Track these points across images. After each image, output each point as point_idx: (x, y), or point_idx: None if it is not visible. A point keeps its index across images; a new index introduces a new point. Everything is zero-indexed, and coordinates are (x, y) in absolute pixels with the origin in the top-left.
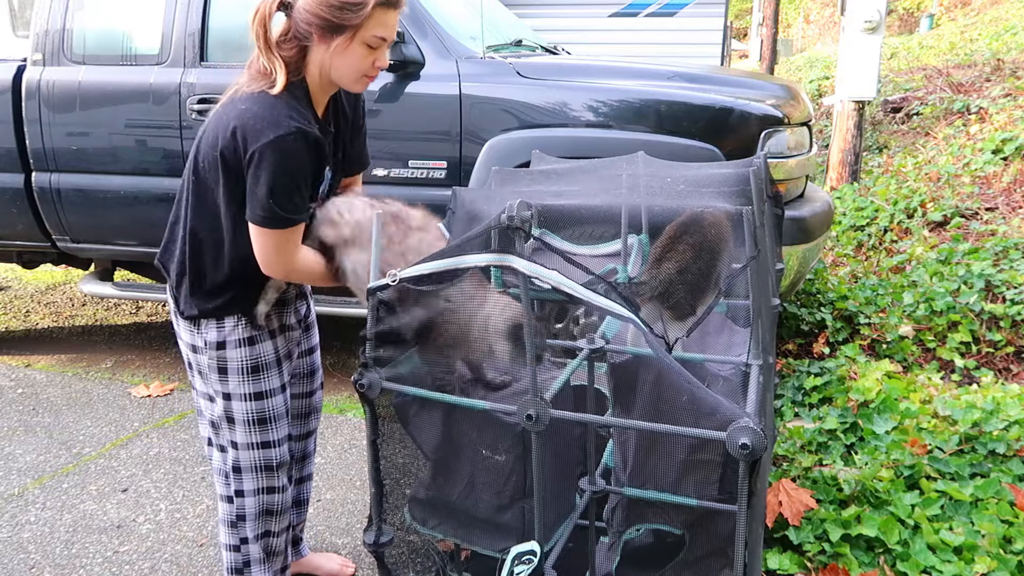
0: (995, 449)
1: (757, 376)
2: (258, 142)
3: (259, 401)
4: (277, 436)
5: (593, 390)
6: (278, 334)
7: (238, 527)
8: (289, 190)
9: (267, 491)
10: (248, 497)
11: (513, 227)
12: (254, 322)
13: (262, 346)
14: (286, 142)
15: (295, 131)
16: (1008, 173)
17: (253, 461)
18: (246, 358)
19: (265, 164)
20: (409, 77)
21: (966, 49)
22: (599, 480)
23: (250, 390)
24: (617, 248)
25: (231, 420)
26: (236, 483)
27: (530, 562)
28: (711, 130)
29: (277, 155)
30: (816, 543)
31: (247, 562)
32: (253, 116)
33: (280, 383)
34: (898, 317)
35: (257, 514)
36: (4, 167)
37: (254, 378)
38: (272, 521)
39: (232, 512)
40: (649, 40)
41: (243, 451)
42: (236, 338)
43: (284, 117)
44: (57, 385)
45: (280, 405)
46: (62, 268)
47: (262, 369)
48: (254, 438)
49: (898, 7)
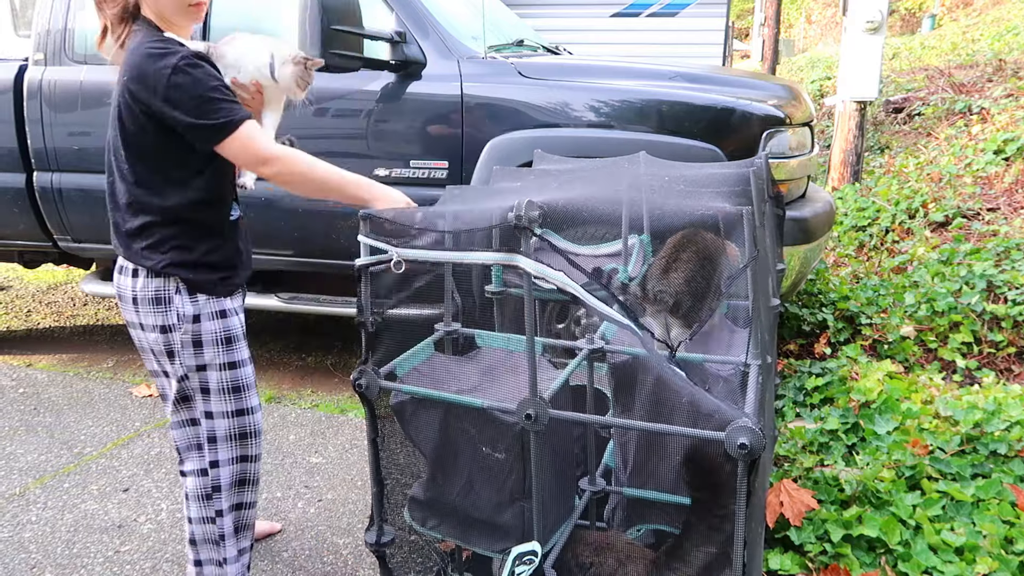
0: (996, 450)
1: (756, 376)
2: (162, 76)
3: (233, 371)
4: (250, 404)
5: (593, 390)
6: (239, 312)
7: (213, 499)
8: (215, 93)
9: (241, 459)
10: (223, 467)
11: (520, 226)
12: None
13: (233, 319)
14: (182, 62)
15: (180, 52)
16: (1010, 173)
17: (229, 430)
18: (220, 330)
19: (182, 87)
20: (411, 77)
21: (968, 49)
22: (599, 480)
23: (225, 360)
24: (618, 248)
25: (206, 391)
26: (211, 454)
27: (531, 562)
28: (713, 130)
29: (182, 75)
30: (817, 543)
31: (222, 535)
32: (136, 62)
33: (248, 354)
34: (899, 317)
35: (231, 484)
36: (6, 167)
37: (227, 348)
38: (245, 492)
39: (208, 484)
40: (651, 40)
41: (219, 420)
42: (210, 311)
43: (159, 45)
44: (58, 385)
45: (250, 375)
46: (63, 268)
47: (234, 340)
48: (229, 406)
49: (900, 7)
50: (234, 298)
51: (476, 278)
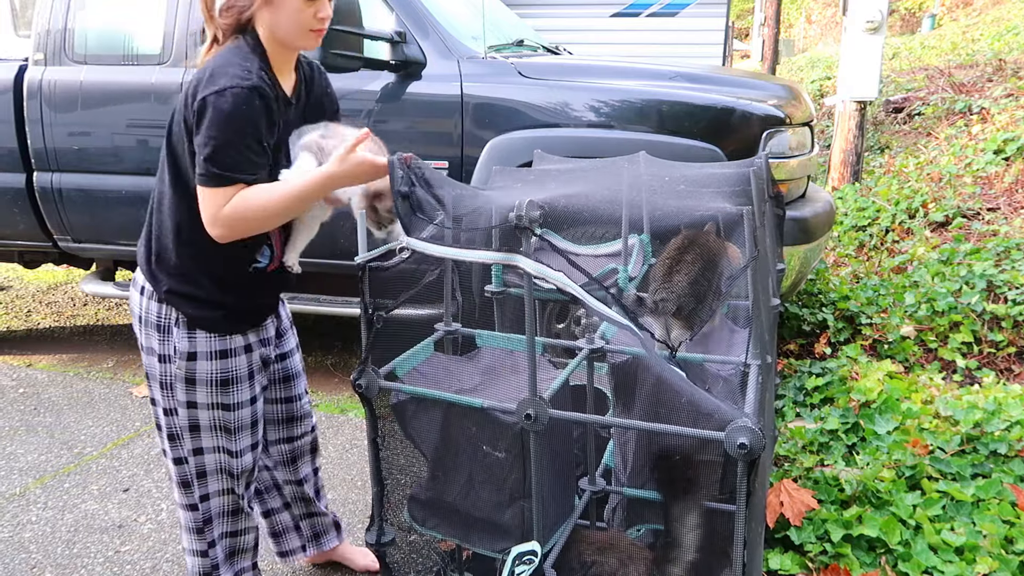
0: (997, 449)
1: (756, 376)
2: (204, 92)
3: (226, 412)
4: (240, 446)
5: (593, 390)
6: (254, 348)
7: (204, 532)
8: (230, 143)
9: (231, 492)
10: (213, 499)
11: (521, 227)
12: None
13: (234, 360)
14: (229, 92)
15: (240, 82)
16: (1010, 173)
17: (218, 464)
18: (217, 371)
19: (208, 113)
20: (411, 77)
21: (968, 49)
22: (599, 480)
23: (218, 400)
24: (618, 248)
25: (195, 428)
26: (200, 488)
27: (531, 562)
28: (713, 130)
29: (219, 103)
30: (817, 543)
31: (215, 565)
32: (203, 72)
33: (250, 396)
34: (900, 317)
35: (222, 514)
36: (6, 167)
37: (223, 391)
38: (239, 520)
39: (199, 518)
40: (651, 40)
41: (208, 455)
42: (208, 350)
43: (234, 67)
44: (58, 385)
45: (247, 417)
46: (63, 268)
47: (232, 383)
48: (219, 442)
49: (900, 7)
50: (247, 335)
51: (476, 278)
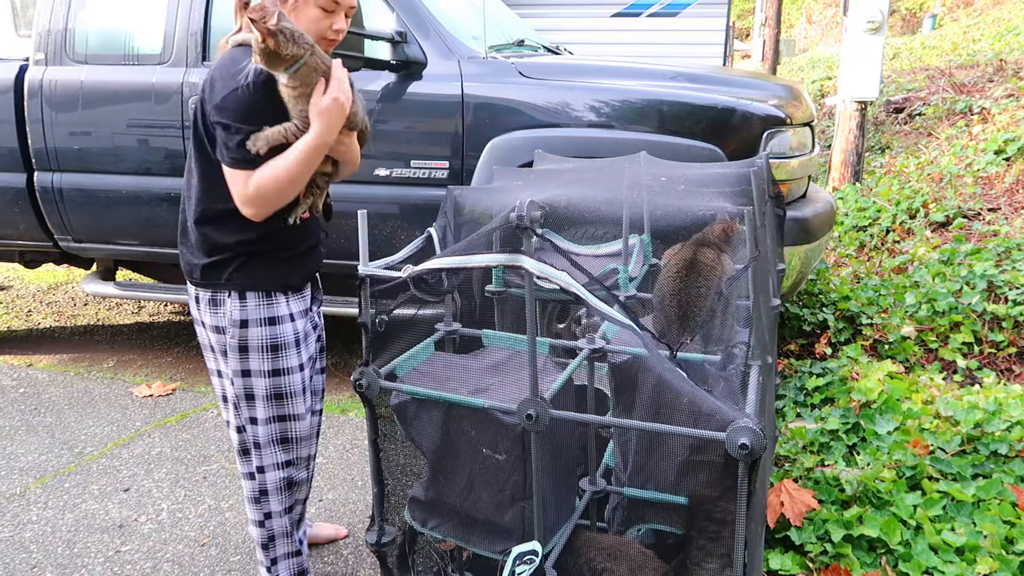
0: (997, 450)
1: (757, 376)
2: (221, 83)
3: (276, 378)
4: (294, 411)
5: (594, 390)
6: (296, 318)
7: (261, 502)
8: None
9: (286, 465)
10: (269, 472)
11: (522, 227)
12: (278, 293)
13: (282, 327)
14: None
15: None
16: (1010, 174)
17: (271, 435)
18: (267, 337)
19: (226, 104)
20: (411, 77)
21: (969, 49)
22: (600, 480)
23: (269, 367)
24: (618, 248)
25: (251, 397)
26: (257, 459)
27: (531, 562)
28: (713, 130)
29: (235, 94)
30: (818, 544)
31: (272, 536)
32: (220, 64)
33: (298, 362)
34: (900, 318)
35: (279, 488)
36: (6, 167)
37: (272, 356)
38: (296, 491)
39: (255, 488)
40: (651, 40)
41: (262, 426)
42: (258, 317)
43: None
44: (59, 385)
45: (298, 383)
46: (64, 268)
47: (281, 348)
48: (272, 411)
49: (900, 7)
50: (292, 302)
51: (476, 278)
